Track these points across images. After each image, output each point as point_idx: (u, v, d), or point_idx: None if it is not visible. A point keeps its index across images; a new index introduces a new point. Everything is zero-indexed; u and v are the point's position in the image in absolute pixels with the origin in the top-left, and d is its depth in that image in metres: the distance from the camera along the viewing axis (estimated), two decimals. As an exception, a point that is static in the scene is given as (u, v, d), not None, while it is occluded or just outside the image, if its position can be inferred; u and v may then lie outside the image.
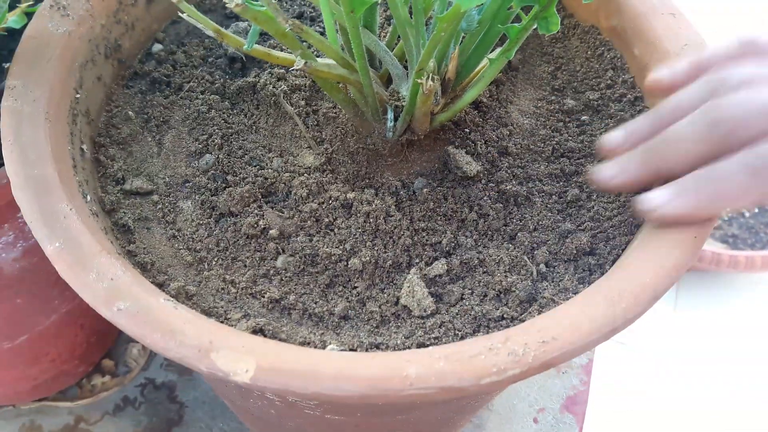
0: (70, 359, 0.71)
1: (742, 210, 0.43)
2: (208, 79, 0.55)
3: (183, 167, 0.51)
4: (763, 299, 1.61)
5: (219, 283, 0.46)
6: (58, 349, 0.69)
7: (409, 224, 0.48)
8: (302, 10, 0.61)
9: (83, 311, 0.68)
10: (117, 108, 0.53)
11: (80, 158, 0.47)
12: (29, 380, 0.69)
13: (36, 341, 0.65)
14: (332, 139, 0.51)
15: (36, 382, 0.70)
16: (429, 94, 0.43)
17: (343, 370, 0.36)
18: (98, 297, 0.38)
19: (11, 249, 0.58)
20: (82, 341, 0.71)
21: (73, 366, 0.73)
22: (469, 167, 0.49)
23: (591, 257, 0.47)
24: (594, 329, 0.38)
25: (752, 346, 1.51)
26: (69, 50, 0.49)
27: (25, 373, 0.68)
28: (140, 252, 0.46)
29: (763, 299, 1.61)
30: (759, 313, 1.58)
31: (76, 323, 0.69)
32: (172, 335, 0.36)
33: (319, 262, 0.47)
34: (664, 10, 0.54)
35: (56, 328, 0.66)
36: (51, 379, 0.71)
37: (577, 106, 0.56)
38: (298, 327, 0.45)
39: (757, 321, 1.56)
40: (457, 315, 0.45)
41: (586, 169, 0.52)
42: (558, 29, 0.43)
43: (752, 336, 1.53)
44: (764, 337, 1.52)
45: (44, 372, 0.70)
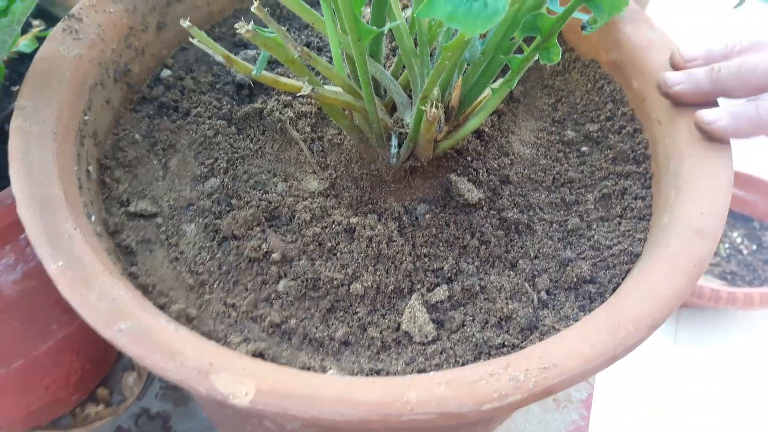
0: (65, 386, 0.70)
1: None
2: (216, 104, 0.56)
3: (188, 190, 0.52)
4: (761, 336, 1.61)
5: (220, 307, 0.46)
6: (54, 377, 0.68)
7: (411, 250, 0.49)
8: (309, 40, 0.62)
9: (80, 337, 0.67)
10: (124, 131, 0.54)
11: (86, 179, 0.48)
12: (23, 407, 0.68)
13: (31, 367, 0.64)
14: (337, 165, 0.52)
15: (30, 409, 0.69)
16: (432, 121, 0.43)
17: (342, 394, 0.36)
18: (100, 317, 0.38)
19: (11, 271, 0.57)
20: (78, 368, 0.70)
21: (68, 394, 0.72)
22: (470, 194, 0.50)
23: (591, 285, 0.47)
24: (594, 356, 0.38)
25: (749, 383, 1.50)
26: (79, 73, 0.49)
27: (19, 400, 0.67)
28: (142, 274, 0.46)
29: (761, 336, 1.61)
30: (757, 350, 1.57)
31: (72, 349, 0.68)
32: (172, 356, 0.36)
33: (320, 286, 0.47)
34: (662, 45, 0.55)
35: (52, 354, 0.65)
36: (45, 406, 0.70)
37: (577, 137, 0.57)
38: (299, 352, 0.45)
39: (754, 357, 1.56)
40: (458, 342, 0.45)
41: (587, 199, 0.53)
42: (559, 59, 0.44)
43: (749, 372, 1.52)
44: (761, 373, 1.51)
45: (38, 400, 0.68)
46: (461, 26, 0.33)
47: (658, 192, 0.52)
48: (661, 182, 0.51)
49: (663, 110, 0.53)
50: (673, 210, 0.47)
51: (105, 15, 0.53)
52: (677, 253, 0.43)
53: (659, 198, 0.51)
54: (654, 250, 0.45)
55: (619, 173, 0.54)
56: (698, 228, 0.44)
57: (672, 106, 0.52)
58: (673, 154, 0.50)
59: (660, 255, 0.44)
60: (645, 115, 0.55)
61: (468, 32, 0.34)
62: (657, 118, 0.53)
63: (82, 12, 0.52)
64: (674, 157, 0.50)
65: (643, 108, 0.55)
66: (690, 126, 0.50)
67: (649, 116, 0.55)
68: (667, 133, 0.52)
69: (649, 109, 0.55)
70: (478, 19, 0.33)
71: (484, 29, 0.33)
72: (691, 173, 0.48)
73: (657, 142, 0.53)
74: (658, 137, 0.53)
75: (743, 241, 1.69)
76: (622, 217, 0.52)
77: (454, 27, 0.33)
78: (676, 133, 0.51)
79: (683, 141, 0.50)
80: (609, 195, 0.53)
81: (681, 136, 0.51)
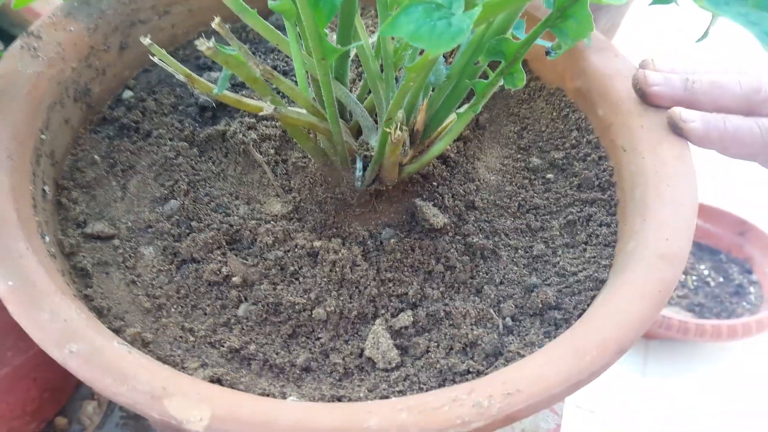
0: (21, 415, 0.68)
1: (750, 159, 0.50)
2: (178, 126, 0.55)
3: (147, 212, 0.50)
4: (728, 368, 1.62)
5: (177, 331, 0.44)
6: (9, 405, 0.66)
7: (376, 274, 0.48)
8: (275, 63, 0.62)
9: (37, 364, 0.65)
10: (83, 152, 0.52)
11: (41, 199, 0.46)
12: (-25, 437, 0.66)
13: (-16, 396, 0.62)
14: (300, 188, 0.51)
15: (-18, 439, 0.66)
16: (397, 143, 0.43)
17: (301, 420, 0.35)
18: (50, 338, 0.36)
19: (-36, 296, 0.55)
20: (35, 396, 0.68)
21: (25, 422, 0.69)
22: (435, 219, 0.49)
23: (557, 311, 0.47)
24: (559, 381, 0.37)
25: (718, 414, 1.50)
26: (37, 91, 0.48)
27: (-29, 429, 0.65)
28: (97, 296, 0.45)
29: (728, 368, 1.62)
30: (724, 382, 1.58)
31: (29, 377, 0.66)
32: (124, 380, 0.35)
33: (282, 311, 0.46)
34: (628, 73, 0.56)
35: (8, 381, 0.63)
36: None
37: (542, 164, 0.57)
38: (258, 378, 0.43)
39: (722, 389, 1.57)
40: (422, 368, 0.44)
41: (552, 225, 0.53)
42: (524, 84, 0.44)
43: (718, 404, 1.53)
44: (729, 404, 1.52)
45: (-8, 429, 0.66)
46: (424, 45, 0.33)
47: (623, 219, 0.52)
48: (627, 209, 0.51)
49: (627, 138, 0.53)
50: (639, 236, 0.47)
51: (65, 33, 0.52)
52: (643, 278, 0.43)
53: (625, 224, 0.51)
54: (619, 276, 0.45)
55: (584, 200, 0.54)
56: (663, 253, 0.44)
57: (636, 133, 0.53)
58: (639, 181, 0.50)
59: (625, 280, 0.44)
60: (610, 143, 0.56)
61: (432, 51, 0.34)
62: (622, 146, 0.54)
63: (41, 29, 0.51)
64: (639, 184, 0.50)
65: (608, 135, 0.56)
66: (655, 154, 0.51)
67: (614, 144, 0.55)
68: (632, 160, 0.52)
69: (614, 136, 0.55)
70: (441, 39, 0.33)
71: (447, 48, 0.33)
72: (656, 200, 0.48)
73: (622, 169, 0.53)
74: (624, 164, 0.53)
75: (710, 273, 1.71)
76: (587, 244, 0.52)
77: (418, 45, 0.33)
78: (640, 161, 0.51)
79: (648, 168, 0.50)
80: (574, 221, 0.53)
81: (646, 163, 0.51)
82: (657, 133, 0.52)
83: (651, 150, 0.51)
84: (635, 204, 0.50)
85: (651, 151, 0.51)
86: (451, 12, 0.34)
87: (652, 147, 0.51)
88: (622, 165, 0.54)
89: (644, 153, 0.51)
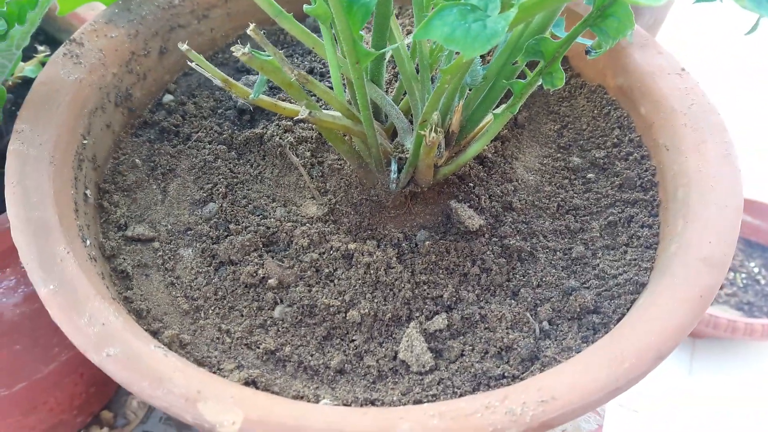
0: (68, 409, 0.70)
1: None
2: (217, 129, 0.56)
3: (186, 215, 0.51)
4: (780, 368, 1.57)
5: (214, 333, 0.45)
6: (57, 399, 0.68)
7: (410, 277, 0.48)
8: (312, 66, 0.62)
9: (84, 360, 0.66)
10: (124, 155, 0.53)
11: (83, 203, 0.47)
12: (26, 430, 0.67)
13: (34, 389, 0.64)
14: (336, 190, 0.51)
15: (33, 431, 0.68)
16: (432, 146, 0.43)
17: (333, 424, 0.35)
18: (88, 341, 0.37)
19: (12, 294, 0.57)
20: (82, 391, 0.70)
21: (72, 416, 0.72)
22: (471, 221, 0.49)
23: (595, 315, 0.46)
24: (596, 389, 0.37)
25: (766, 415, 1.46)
26: (79, 97, 0.49)
27: (22, 422, 0.66)
28: (137, 299, 0.45)
29: (779, 368, 1.57)
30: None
31: (75, 372, 0.68)
32: (160, 383, 0.35)
33: (317, 313, 0.46)
34: (671, 70, 0.54)
35: (55, 376, 0.65)
36: (48, 429, 0.70)
37: (583, 163, 0.56)
38: (293, 380, 0.43)
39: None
40: (456, 372, 0.44)
41: (592, 227, 0.52)
42: (563, 84, 0.43)
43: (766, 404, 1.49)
44: (780, 407, 1.48)
45: (42, 422, 0.68)
46: (459, 48, 0.32)
47: (665, 220, 0.50)
48: (669, 210, 0.50)
49: (670, 136, 0.52)
50: (681, 239, 0.45)
51: (106, 40, 0.53)
52: (684, 283, 0.42)
53: (666, 226, 0.49)
54: (660, 280, 0.44)
55: (625, 201, 0.53)
56: (706, 257, 0.43)
57: (680, 132, 0.51)
58: (681, 182, 0.49)
59: (666, 285, 0.43)
60: (652, 142, 0.54)
61: (466, 54, 0.33)
62: (665, 145, 0.52)
63: (83, 37, 0.52)
64: (682, 184, 0.49)
65: (651, 134, 0.54)
66: (698, 153, 0.49)
67: (656, 143, 0.54)
68: (675, 160, 0.51)
69: (656, 135, 0.54)
70: (476, 41, 0.32)
71: (482, 51, 0.32)
72: (699, 202, 0.47)
73: (665, 169, 0.52)
74: (666, 164, 0.52)
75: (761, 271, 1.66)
76: (628, 246, 0.50)
77: (452, 48, 0.33)
78: (683, 161, 0.50)
79: (691, 168, 0.49)
80: (615, 223, 0.52)
81: (689, 163, 0.49)
82: (701, 132, 0.50)
83: (695, 149, 0.50)
84: (678, 205, 0.49)
85: (695, 151, 0.50)
86: (487, 14, 0.34)
87: (696, 146, 0.50)
88: (664, 164, 0.52)
89: (687, 152, 0.50)
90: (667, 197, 0.51)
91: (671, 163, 0.52)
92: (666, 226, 0.49)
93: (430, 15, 0.32)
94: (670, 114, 0.52)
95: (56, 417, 0.69)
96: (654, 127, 0.54)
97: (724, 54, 1.76)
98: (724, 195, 0.46)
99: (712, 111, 0.51)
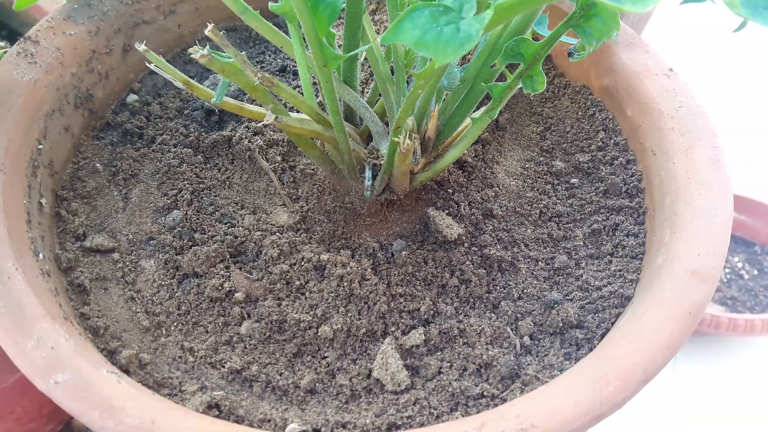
0: (37, 418, 0.68)
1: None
2: (183, 131, 0.53)
3: (149, 223, 0.48)
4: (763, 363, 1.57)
5: (176, 351, 0.42)
6: (24, 408, 0.65)
7: (386, 289, 0.45)
8: (285, 63, 0.59)
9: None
10: (84, 160, 0.50)
11: (37, 212, 0.44)
12: (-7, 440, 0.65)
13: (1, 399, 0.61)
14: (308, 197, 0.49)
15: (0, 442, 0.66)
16: (407, 153, 0.40)
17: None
18: (35, 367, 0.34)
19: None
20: (50, 399, 0.68)
21: (41, 425, 0.69)
22: (449, 231, 0.46)
23: (578, 330, 0.44)
24: (578, 415, 0.35)
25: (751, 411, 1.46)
26: (34, 98, 0.46)
27: (-11, 432, 0.64)
28: (94, 315, 0.43)
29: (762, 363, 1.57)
30: (758, 378, 1.53)
31: (42, 380, 0.65)
32: (111, 412, 0.33)
33: (286, 329, 0.44)
34: (659, 70, 0.52)
35: (22, 385, 0.63)
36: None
37: (566, 168, 0.54)
38: (260, 401, 0.41)
39: (755, 385, 1.52)
40: (433, 391, 0.42)
41: (576, 235, 0.50)
42: (544, 88, 0.40)
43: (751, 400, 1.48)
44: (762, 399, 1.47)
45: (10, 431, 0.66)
46: (430, 53, 0.30)
47: (652, 228, 0.48)
48: (656, 218, 0.48)
49: (658, 140, 0.50)
50: (669, 249, 0.43)
51: (64, 37, 0.50)
52: (672, 298, 0.40)
53: (653, 235, 0.47)
54: (647, 294, 0.42)
55: (610, 207, 0.51)
56: (695, 270, 0.41)
57: (667, 135, 0.49)
58: (669, 189, 0.47)
59: (653, 299, 0.41)
60: (639, 146, 0.52)
61: (438, 59, 0.31)
62: (651, 149, 0.50)
63: (39, 34, 0.49)
64: (670, 191, 0.47)
65: (637, 137, 0.52)
66: (687, 158, 0.47)
67: (643, 146, 0.51)
68: (663, 165, 0.49)
69: (643, 138, 0.51)
70: (449, 46, 0.30)
71: (455, 57, 0.30)
72: (688, 210, 0.44)
73: (651, 174, 0.50)
74: (653, 169, 0.50)
75: (744, 266, 1.66)
76: (613, 255, 0.48)
77: (423, 54, 0.30)
78: (671, 166, 0.48)
79: (680, 174, 0.47)
80: (599, 231, 0.50)
81: (677, 168, 0.47)
82: (689, 136, 0.48)
83: (683, 154, 0.48)
84: (665, 213, 0.46)
85: (683, 155, 0.48)
86: (461, 16, 0.31)
87: (684, 151, 0.48)
88: (651, 170, 0.50)
89: (675, 157, 0.48)
90: (653, 204, 0.49)
91: (658, 168, 0.49)
92: (653, 235, 0.47)
93: (399, 16, 0.29)
94: (657, 117, 0.50)
95: (24, 426, 0.67)
96: (641, 129, 0.52)
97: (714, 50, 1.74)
98: (714, 204, 0.44)
99: (702, 114, 0.49)
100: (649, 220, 0.49)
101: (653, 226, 0.48)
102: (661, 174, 0.49)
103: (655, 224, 0.48)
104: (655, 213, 0.48)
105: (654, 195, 0.49)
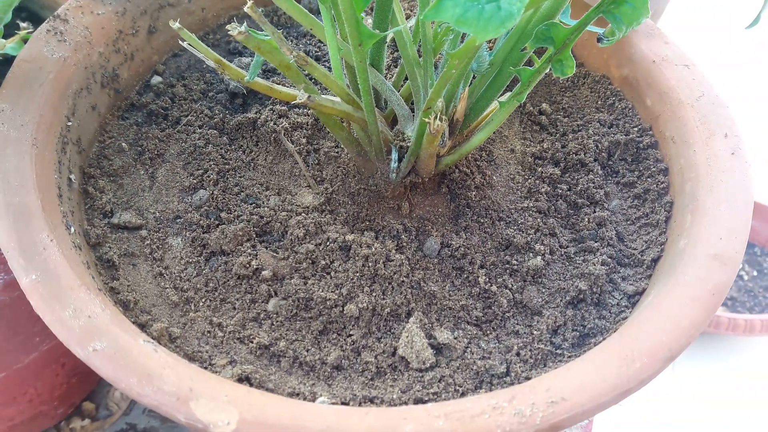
0: (49, 400, 0.68)
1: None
2: (207, 113, 0.53)
3: (175, 202, 0.49)
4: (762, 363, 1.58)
5: (205, 326, 0.43)
6: (37, 389, 0.66)
7: (410, 270, 0.46)
8: (308, 49, 0.60)
9: (65, 350, 0.64)
10: (110, 139, 0.51)
11: (67, 188, 0.45)
12: (5, 421, 0.65)
13: (14, 380, 0.61)
14: (333, 179, 0.49)
15: (12, 423, 0.66)
16: (436, 134, 0.41)
17: (333, 425, 0.33)
18: (73, 335, 0.35)
19: (-8, 282, 0.55)
20: (63, 381, 0.68)
21: (52, 407, 0.70)
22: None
23: (605, 310, 0.45)
24: (606, 390, 0.35)
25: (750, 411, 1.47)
26: (63, 76, 0.47)
27: (1, 413, 0.64)
28: (123, 289, 0.43)
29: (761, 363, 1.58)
30: (758, 377, 1.54)
31: (57, 362, 0.65)
32: (149, 380, 0.33)
33: (313, 306, 0.44)
34: (678, 61, 0.53)
35: (36, 366, 0.63)
36: (28, 420, 0.67)
37: (586, 155, 0.54)
38: (288, 376, 0.42)
39: (755, 385, 1.53)
40: (458, 369, 0.42)
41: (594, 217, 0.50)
42: (573, 72, 0.41)
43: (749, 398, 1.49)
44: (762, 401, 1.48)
45: (21, 413, 0.66)
46: (471, 30, 0.30)
47: (673, 215, 0.49)
48: (677, 205, 0.49)
49: (677, 129, 0.51)
50: (690, 234, 0.44)
51: (92, 17, 0.50)
52: (695, 280, 0.41)
53: (674, 221, 0.48)
54: (670, 276, 0.43)
55: (632, 195, 0.51)
56: (717, 254, 0.42)
57: (687, 124, 0.50)
58: (689, 176, 0.48)
59: (676, 281, 0.41)
60: (659, 134, 0.53)
61: (479, 37, 0.31)
62: (671, 137, 0.51)
63: (68, 13, 0.49)
64: (690, 179, 0.48)
65: (657, 126, 0.53)
66: (707, 146, 0.48)
67: (663, 135, 0.52)
68: (683, 153, 0.50)
69: (663, 127, 0.52)
70: (490, 23, 0.31)
71: (496, 34, 0.31)
72: (709, 196, 0.45)
73: (672, 162, 0.51)
74: (673, 157, 0.50)
75: (744, 266, 1.67)
76: (635, 240, 0.49)
77: (464, 31, 0.30)
78: (691, 154, 0.49)
79: (700, 162, 0.48)
80: (623, 215, 0.50)
81: (697, 156, 0.48)
82: (709, 125, 0.49)
83: (703, 142, 0.48)
84: (685, 199, 0.47)
85: (703, 144, 0.48)
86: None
87: (705, 139, 0.48)
88: (671, 158, 0.51)
89: (696, 145, 0.49)
90: (674, 191, 0.50)
91: (678, 156, 0.50)
92: (673, 221, 0.48)
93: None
94: (677, 106, 0.51)
95: (36, 408, 0.67)
96: (660, 119, 0.52)
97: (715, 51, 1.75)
98: (734, 190, 0.45)
99: (721, 104, 0.50)
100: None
101: (674, 212, 0.48)
102: (681, 162, 0.49)
103: (675, 210, 0.48)
104: (676, 199, 0.49)
105: (674, 182, 0.50)
